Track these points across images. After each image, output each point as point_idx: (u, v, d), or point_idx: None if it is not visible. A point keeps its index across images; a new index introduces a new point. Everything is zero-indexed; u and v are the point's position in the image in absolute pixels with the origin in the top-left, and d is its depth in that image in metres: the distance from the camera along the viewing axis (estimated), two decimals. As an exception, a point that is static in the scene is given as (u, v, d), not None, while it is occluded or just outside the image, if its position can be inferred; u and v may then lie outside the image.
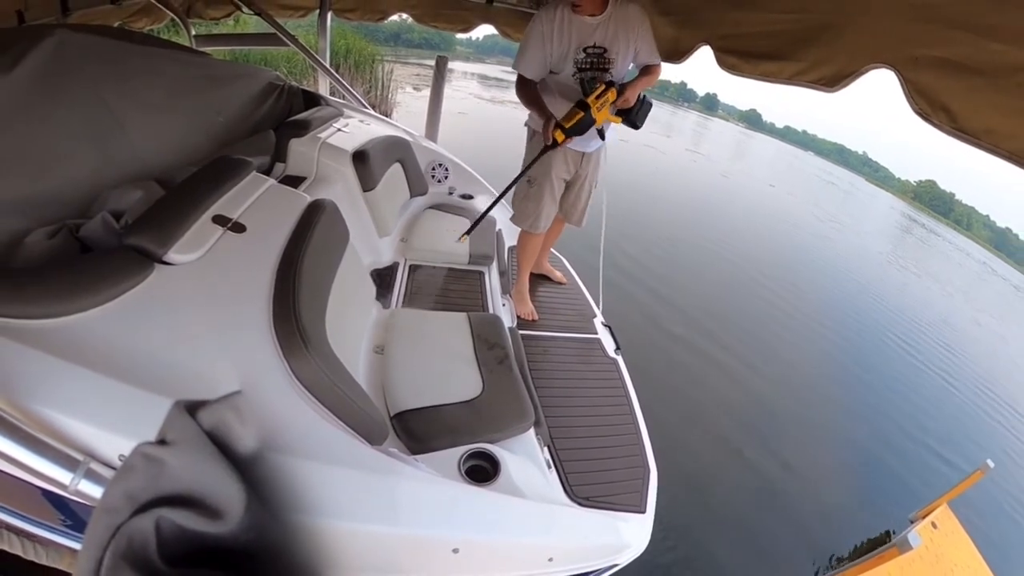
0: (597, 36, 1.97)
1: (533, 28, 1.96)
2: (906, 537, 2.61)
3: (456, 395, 1.48)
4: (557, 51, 1.98)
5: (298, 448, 0.84)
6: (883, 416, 4.85)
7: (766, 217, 12.47)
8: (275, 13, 3.30)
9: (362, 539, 0.85)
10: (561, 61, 2.01)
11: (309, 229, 1.29)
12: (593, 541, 1.20)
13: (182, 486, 0.60)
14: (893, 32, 1.28)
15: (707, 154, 22.86)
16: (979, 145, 1.09)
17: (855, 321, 7.28)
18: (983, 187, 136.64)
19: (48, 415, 0.71)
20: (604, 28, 1.96)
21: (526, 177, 2.20)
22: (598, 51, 1.99)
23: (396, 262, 2.35)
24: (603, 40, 1.98)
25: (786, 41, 1.62)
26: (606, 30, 1.97)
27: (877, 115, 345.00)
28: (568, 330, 2.32)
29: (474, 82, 24.69)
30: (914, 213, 43.77)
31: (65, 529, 0.88)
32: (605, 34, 1.97)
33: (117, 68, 1.43)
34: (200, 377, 0.85)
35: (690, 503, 2.86)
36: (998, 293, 18.08)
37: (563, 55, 1.99)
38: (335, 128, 2.32)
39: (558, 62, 2.01)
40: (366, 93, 9.90)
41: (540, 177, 2.20)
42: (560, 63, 2.01)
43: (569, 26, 1.94)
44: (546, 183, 2.21)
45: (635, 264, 6.12)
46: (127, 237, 1.02)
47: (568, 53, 1.98)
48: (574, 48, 1.97)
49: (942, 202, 68.07)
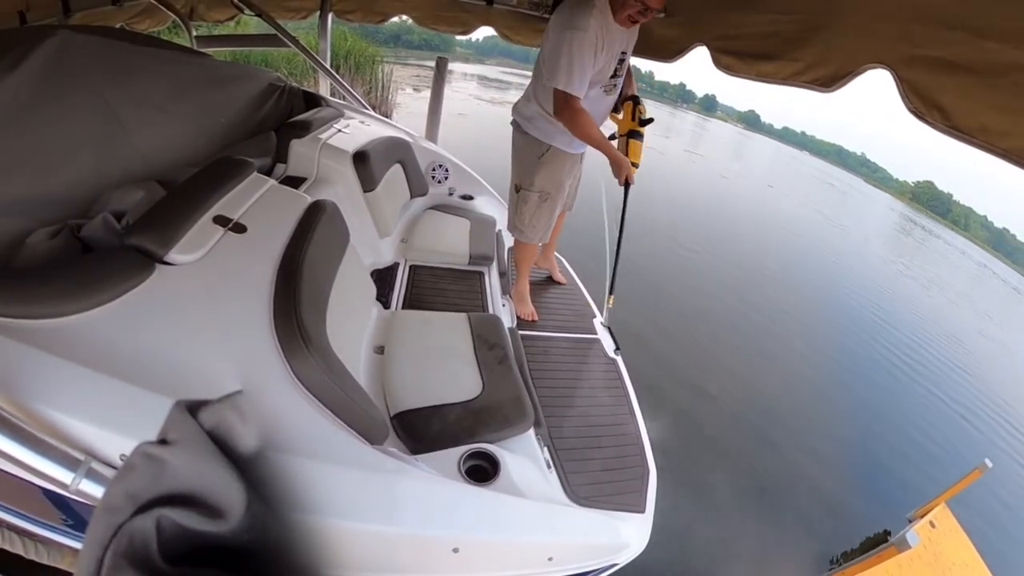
0: (625, 42, 1.93)
1: (586, 39, 1.71)
2: (904, 536, 2.62)
3: (456, 395, 1.48)
4: (599, 62, 1.82)
5: (299, 448, 0.84)
6: (880, 416, 4.87)
7: (765, 218, 12.47)
8: (276, 15, 3.30)
9: (362, 538, 0.85)
10: (601, 72, 1.87)
11: (310, 230, 1.30)
12: (593, 540, 1.20)
13: (183, 485, 0.60)
14: (888, 32, 1.29)
15: (706, 155, 22.87)
16: (973, 143, 1.10)
17: (852, 322, 7.29)
18: (981, 187, 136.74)
19: (49, 415, 0.71)
20: (629, 36, 1.92)
21: (537, 191, 2.12)
22: (623, 57, 1.95)
23: (396, 262, 2.35)
24: (625, 44, 1.93)
25: (782, 42, 1.63)
26: (629, 38, 1.93)
27: (875, 116, 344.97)
28: (568, 330, 2.32)
29: (474, 83, 24.70)
30: (913, 214, 43.78)
31: (66, 528, 0.89)
32: (627, 38, 1.92)
33: (119, 69, 1.43)
34: (201, 377, 0.85)
35: (685, 503, 2.87)
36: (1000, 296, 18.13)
37: (604, 66, 1.86)
38: (336, 129, 2.32)
39: (598, 73, 1.86)
40: (366, 94, 9.90)
41: (554, 192, 2.14)
42: (599, 74, 1.87)
43: (609, 34, 1.79)
44: (559, 196, 2.18)
45: (636, 264, 6.11)
46: (128, 237, 1.03)
47: (609, 63, 1.87)
48: (614, 56, 1.88)
49: (940, 202, 68.08)
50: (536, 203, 2.15)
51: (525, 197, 2.15)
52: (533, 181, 2.11)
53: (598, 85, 1.92)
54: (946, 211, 65.72)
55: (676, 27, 2.19)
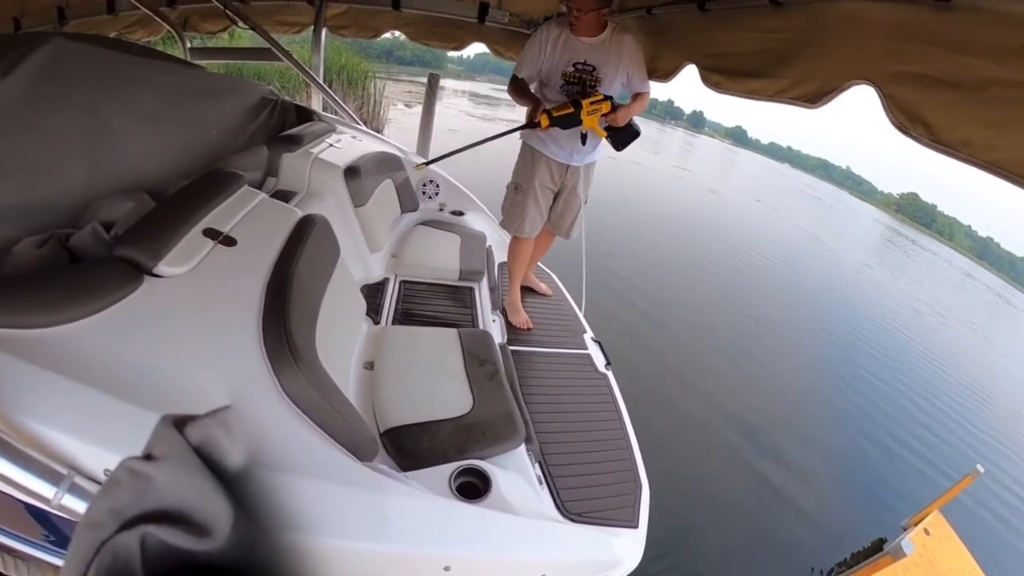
0: (589, 56, 2.10)
1: (534, 38, 2.15)
2: (899, 544, 2.63)
3: (446, 411, 1.47)
4: (548, 62, 2.14)
5: (287, 464, 0.83)
6: (874, 424, 4.90)
7: (753, 232, 12.60)
8: (270, 28, 3.33)
9: (352, 557, 0.83)
10: (551, 72, 2.16)
11: (300, 244, 1.29)
12: (586, 556, 1.19)
13: (169, 502, 0.59)
14: (872, 50, 1.32)
15: (695, 170, 23.16)
16: (957, 156, 1.12)
17: (841, 332, 7.36)
18: (964, 198, 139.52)
19: (32, 427, 0.69)
20: (597, 50, 2.10)
21: (513, 183, 2.39)
22: (587, 68, 2.11)
23: (387, 278, 2.34)
24: (594, 59, 2.10)
25: (769, 59, 1.67)
26: (598, 52, 2.09)
27: (859, 130, 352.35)
28: (558, 345, 2.32)
29: (465, 99, 24.85)
30: (898, 225, 44.44)
31: (48, 545, 0.86)
32: (597, 55, 2.09)
33: (112, 78, 1.43)
34: (188, 391, 0.84)
35: (678, 516, 2.85)
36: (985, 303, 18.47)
37: (553, 66, 2.14)
38: (327, 143, 2.33)
39: (548, 72, 2.16)
40: (359, 109, 9.96)
41: (525, 184, 2.34)
42: (550, 74, 2.16)
43: (565, 43, 2.10)
44: (531, 190, 2.32)
45: (624, 281, 6.15)
46: (117, 248, 1.01)
47: (557, 65, 2.13)
48: (564, 61, 2.12)
49: (924, 213, 69.03)
50: (511, 193, 2.42)
51: (508, 188, 2.44)
52: (513, 174, 2.42)
53: (550, 84, 2.19)
54: (931, 222, 66.68)
55: (666, 46, 2.25)
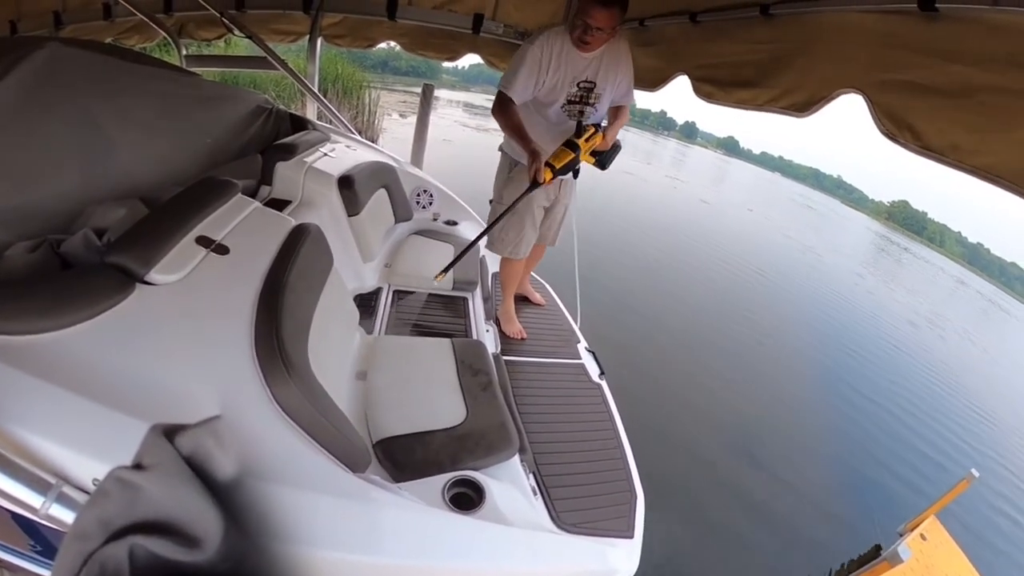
0: (590, 71, 1.97)
1: (530, 52, 1.88)
2: (896, 550, 2.64)
3: (440, 422, 1.46)
4: (550, 80, 1.94)
5: (278, 475, 0.82)
6: (868, 432, 4.93)
7: (746, 242, 12.70)
8: (266, 37, 3.34)
9: (344, 569, 0.82)
10: (552, 91, 1.98)
11: (293, 253, 1.28)
12: (581, 567, 1.18)
13: (158, 513, 0.58)
14: (860, 59, 1.34)
15: (687, 180, 23.38)
16: (944, 161, 1.14)
17: (835, 339, 7.43)
18: (954, 204, 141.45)
19: (20, 435, 0.68)
20: (597, 63, 1.97)
21: (503, 203, 2.21)
22: (589, 85, 1.99)
23: (380, 287, 2.33)
24: (595, 75, 1.98)
25: (759, 70, 1.69)
26: (598, 66, 1.97)
27: (849, 139, 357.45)
28: (552, 356, 2.31)
29: (459, 110, 25.05)
30: (889, 232, 44.90)
31: (34, 555, 0.85)
32: (597, 69, 1.97)
33: (107, 84, 1.43)
34: (179, 401, 0.82)
35: (675, 526, 2.84)
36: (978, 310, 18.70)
37: (555, 86, 1.96)
38: (321, 152, 2.32)
39: (549, 92, 1.97)
40: (353, 119, 9.97)
41: (521, 207, 2.14)
42: (551, 93, 1.98)
43: (567, 58, 1.91)
44: (527, 213, 2.22)
45: (617, 291, 6.16)
46: (109, 255, 1.00)
47: (561, 84, 1.96)
48: (569, 80, 1.96)
49: (915, 221, 70.03)
50: (507, 217, 2.16)
51: (495, 210, 2.30)
52: (501, 195, 2.26)
53: (554, 104, 2.02)
54: (921, 229, 67.68)
55: (658, 57, 2.27)
